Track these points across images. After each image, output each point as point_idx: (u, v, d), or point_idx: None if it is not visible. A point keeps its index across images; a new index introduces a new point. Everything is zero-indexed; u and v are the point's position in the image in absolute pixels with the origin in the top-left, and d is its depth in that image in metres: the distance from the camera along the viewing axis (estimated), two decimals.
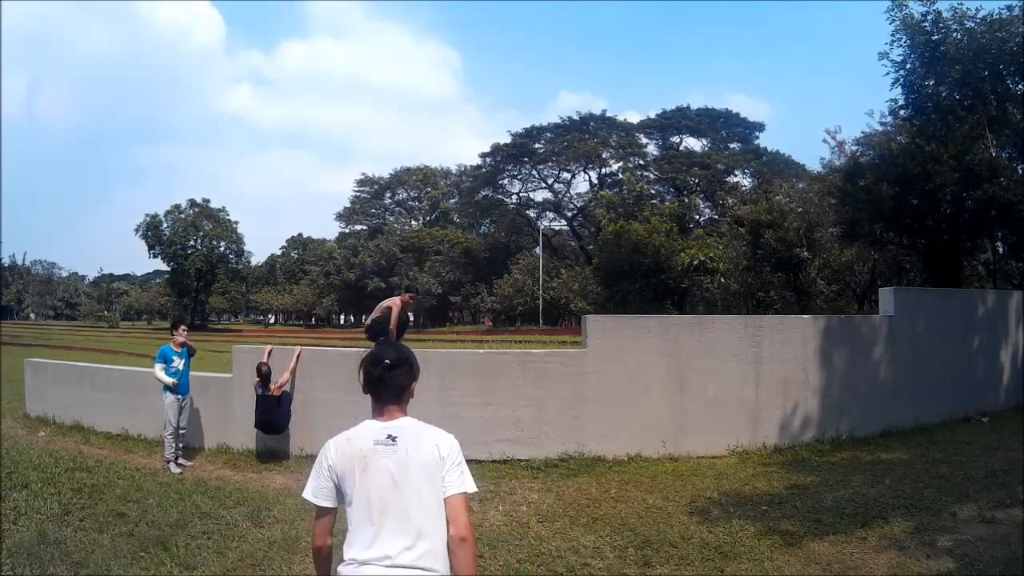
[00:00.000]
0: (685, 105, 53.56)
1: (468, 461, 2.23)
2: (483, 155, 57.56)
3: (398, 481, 2.09)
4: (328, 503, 2.16)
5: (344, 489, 2.14)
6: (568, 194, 57.04)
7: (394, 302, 8.09)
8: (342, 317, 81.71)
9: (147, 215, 64.36)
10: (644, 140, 54.91)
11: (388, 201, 75.83)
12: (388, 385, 2.34)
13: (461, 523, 2.07)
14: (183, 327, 7.83)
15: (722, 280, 27.47)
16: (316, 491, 2.17)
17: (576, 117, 53.83)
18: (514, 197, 59.23)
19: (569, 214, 56.99)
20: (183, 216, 64.27)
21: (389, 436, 2.20)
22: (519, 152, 55.22)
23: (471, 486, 2.16)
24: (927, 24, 14.16)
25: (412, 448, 2.16)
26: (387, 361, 2.35)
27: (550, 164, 55.67)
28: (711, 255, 26.92)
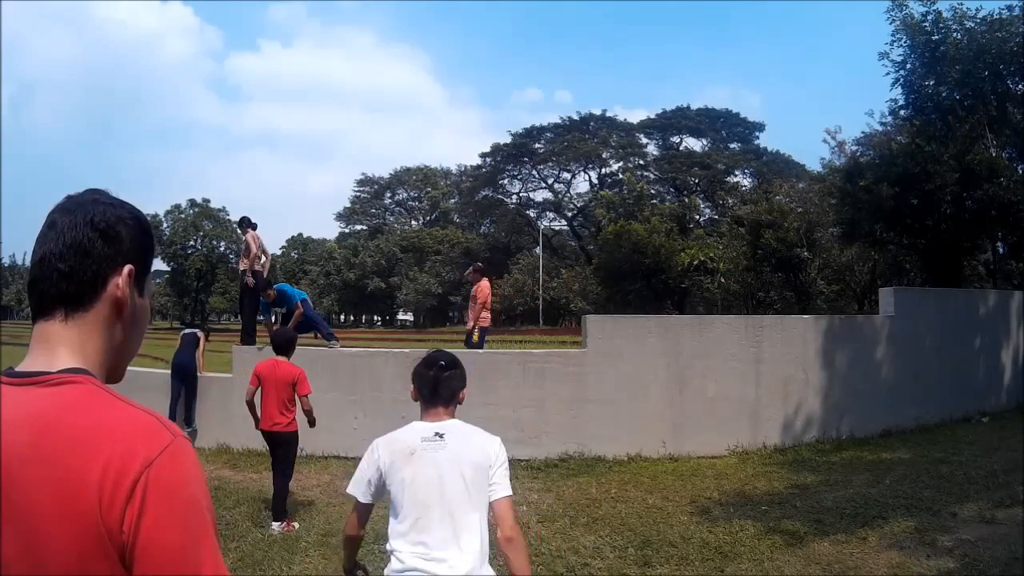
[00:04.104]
0: (685, 105, 53.55)
1: None
2: (483, 155, 57.51)
3: (444, 476, 2.12)
4: (368, 500, 2.23)
5: (389, 485, 2.17)
6: (568, 194, 57.01)
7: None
8: (342, 317, 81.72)
9: (147, 215, 64.39)
10: (644, 140, 54.86)
11: (388, 201, 75.82)
12: (443, 387, 2.34)
13: (508, 524, 2.09)
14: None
15: (722, 280, 27.43)
16: (357, 485, 2.23)
17: (576, 117, 53.81)
18: (514, 197, 59.19)
19: (569, 214, 56.94)
20: (183, 216, 64.33)
21: (436, 434, 2.21)
22: (519, 152, 55.17)
23: (510, 490, 2.21)
24: (927, 24, 14.15)
25: (461, 447, 2.19)
26: (442, 363, 2.38)
27: (550, 164, 55.61)
28: (711, 255, 26.89)
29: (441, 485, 2.11)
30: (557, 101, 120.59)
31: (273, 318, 9.03)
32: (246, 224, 9.08)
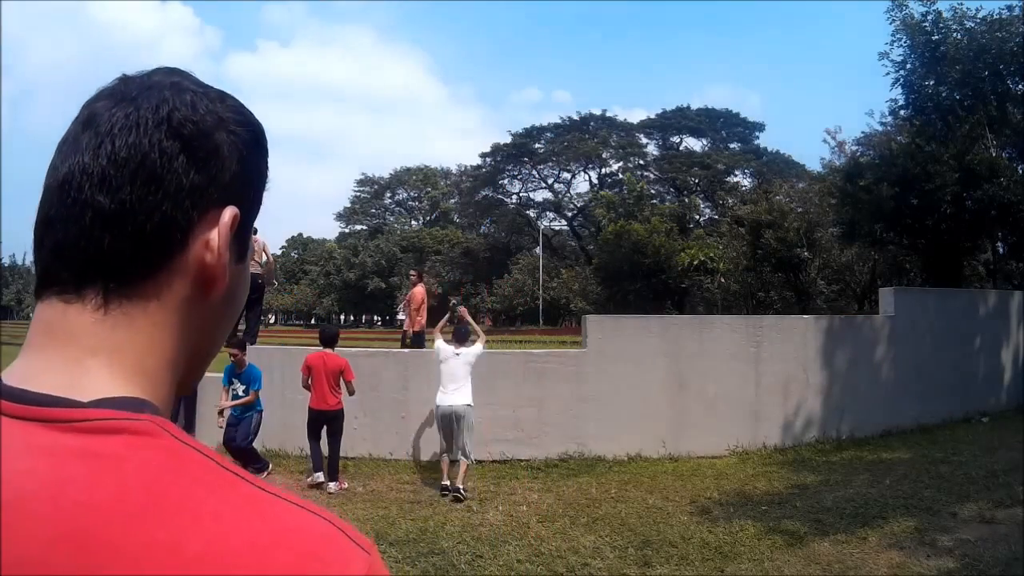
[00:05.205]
0: (685, 105, 53.59)
1: None
2: (483, 155, 57.54)
3: (458, 367, 6.35)
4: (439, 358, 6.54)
5: (438, 365, 6.46)
6: (568, 194, 57.05)
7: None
8: (342, 317, 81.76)
9: None
10: (644, 140, 54.90)
11: (388, 201, 75.86)
12: (462, 335, 6.70)
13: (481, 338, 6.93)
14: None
15: (722, 280, 27.45)
16: (436, 352, 6.59)
17: (576, 117, 53.85)
18: (514, 197, 59.21)
19: (569, 214, 56.97)
20: None
21: (456, 352, 6.42)
22: (519, 152, 55.19)
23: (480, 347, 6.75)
24: (927, 24, 14.17)
25: (465, 354, 6.44)
26: (464, 329, 6.84)
27: (550, 164, 55.65)
28: (711, 255, 26.91)
29: (457, 369, 6.32)
30: (557, 101, 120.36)
31: (227, 394, 6.78)
32: None
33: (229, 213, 0.49)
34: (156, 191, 0.46)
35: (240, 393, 6.74)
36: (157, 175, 0.47)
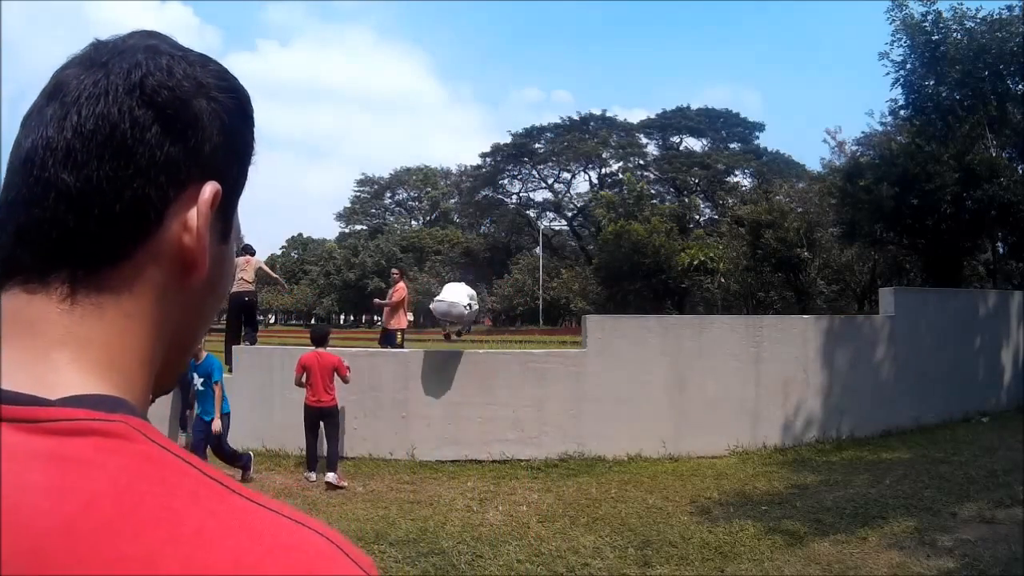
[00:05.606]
0: (685, 105, 53.60)
1: (468, 461, 3.57)
2: (483, 155, 57.58)
3: (456, 294, 8.05)
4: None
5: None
6: (568, 194, 57.07)
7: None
8: (342, 317, 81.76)
9: None
10: (644, 140, 54.93)
11: (388, 201, 75.90)
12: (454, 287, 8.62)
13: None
14: None
15: (722, 280, 27.47)
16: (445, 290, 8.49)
17: (576, 117, 53.87)
18: (514, 197, 59.25)
19: (569, 214, 56.98)
20: None
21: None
22: (519, 152, 55.21)
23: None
24: (927, 24, 14.18)
25: (459, 288, 8.37)
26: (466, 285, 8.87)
27: (550, 164, 55.67)
28: (711, 255, 26.93)
29: (454, 300, 7.85)
30: (557, 101, 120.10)
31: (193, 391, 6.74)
32: (243, 251, 9.53)
33: (210, 189, 0.45)
34: (126, 166, 0.42)
35: (200, 387, 6.42)
36: (127, 148, 0.42)
